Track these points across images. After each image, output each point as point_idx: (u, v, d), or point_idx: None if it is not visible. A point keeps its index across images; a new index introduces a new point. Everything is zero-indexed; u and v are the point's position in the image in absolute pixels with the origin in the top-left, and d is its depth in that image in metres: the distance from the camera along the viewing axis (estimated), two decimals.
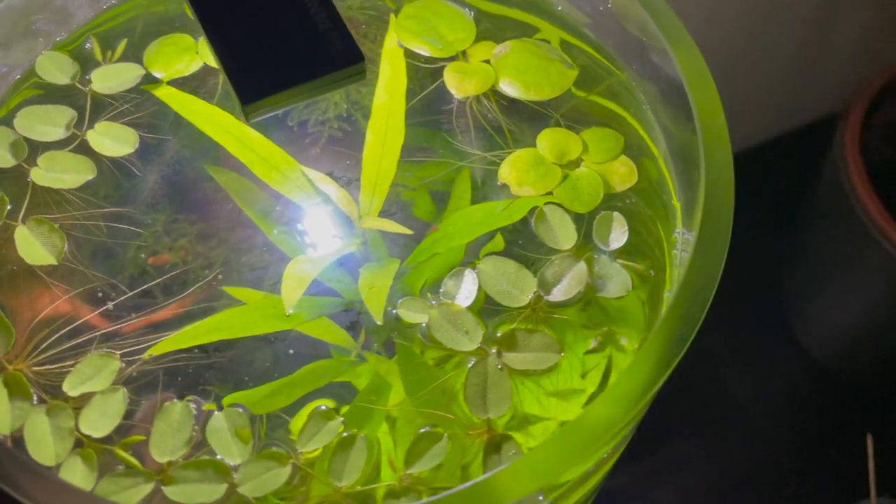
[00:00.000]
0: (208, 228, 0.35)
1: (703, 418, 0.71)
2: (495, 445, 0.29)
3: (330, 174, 0.35)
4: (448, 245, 0.35)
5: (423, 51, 0.38)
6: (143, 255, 0.33)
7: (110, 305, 0.32)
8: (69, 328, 0.32)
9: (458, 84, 0.37)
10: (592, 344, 0.32)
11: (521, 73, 0.37)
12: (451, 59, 0.38)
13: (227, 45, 0.29)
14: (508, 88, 0.37)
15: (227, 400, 0.31)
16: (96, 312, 0.32)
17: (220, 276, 0.33)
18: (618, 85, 0.37)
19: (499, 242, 0.34)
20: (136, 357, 0.31)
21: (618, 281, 0.32)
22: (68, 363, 0.31)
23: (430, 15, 0.38)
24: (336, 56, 0.29)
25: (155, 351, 0.32)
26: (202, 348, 0.32)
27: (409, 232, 0.35)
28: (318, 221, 0.36)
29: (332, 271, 0.34)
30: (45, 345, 0.31)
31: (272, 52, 0.29)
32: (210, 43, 0.29)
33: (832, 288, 0.71)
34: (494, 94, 0.37)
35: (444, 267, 0.34)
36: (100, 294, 0.32)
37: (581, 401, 0.31)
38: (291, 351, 0.32)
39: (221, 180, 0.36)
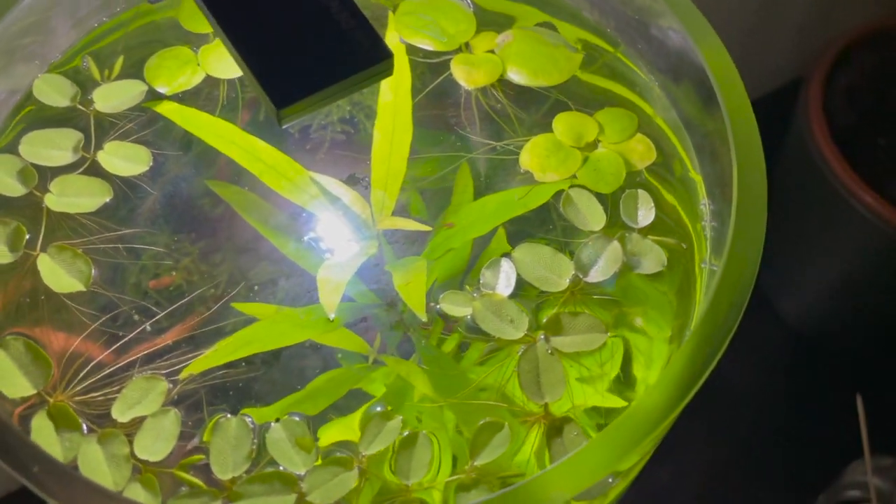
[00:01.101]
0: (229, 244, 0.34)
1: None
2: (556, 429, 0.30)
3: (351, 177, 0.35)
4: (463, 239, 0.35)
5: (427, 45, 0.38)
6: (173, 274, 0.33)
7: (147, 327, 0.31)
8: (105, 353, 0.31)
9: (467, 75, 0.37)
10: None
11: (527, 61, 0.37)
12: (454, 52, 0.38)
13: (253, 51, 0.28)
14: (516, 76, 0.37)
15: (260, 413, 0.30)
16: (131, 335, 0.31)
17: (255, 288, 0.33)
18: (618, 63, 0.38)
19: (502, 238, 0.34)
20: (179, 376, 0.31)
21: (652, 257, 0.33)
22: (112, 389, 0.30)
23: (428, 10, 0.38)
24: (365, 54, 0.28)
25: (194, 369, 0.31)
26: (248, 361, 0.31)
27: (427, 228, 0.35)
28: (333, 227, 0.35)
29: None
30: (83, 373, 0.31)
31: (300, 55, 0.28)
32: (235, 51, 0.28)
33: (805, 253, 0.72)
34: (500, 83, 0.37)
35: (459, 262, 0.34)
36: (136, 316, 0.32)
37: (604, 386, 0.32)
38: (340, 355, 0.31)
39: (223, 195, 0.36)
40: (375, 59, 0.29)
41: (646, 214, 0.33)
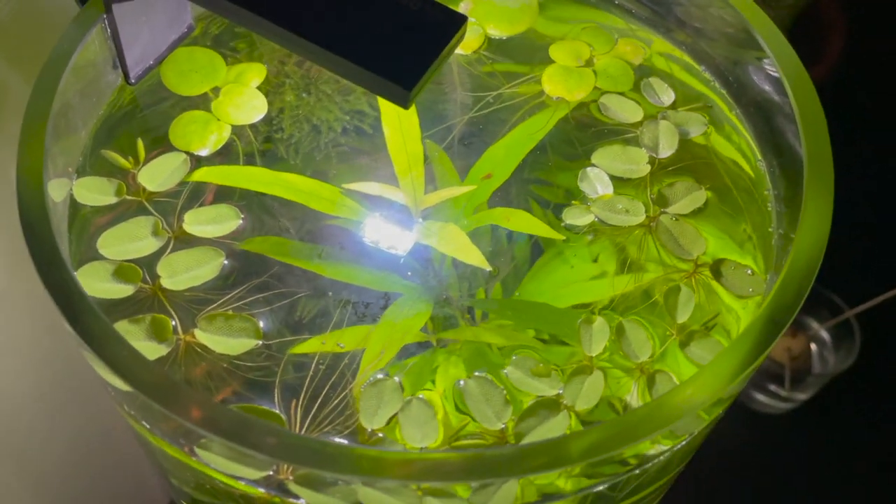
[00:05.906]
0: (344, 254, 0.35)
1: None
2: (716, 272, 0.34)
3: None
4: (489, 191, 0.39)
5: None
6: (334, 303, 0.33)
7: (341, 345, 0.32)
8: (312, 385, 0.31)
9: (462, 43, 0.40)
10: None
11: (499, 17, 0.41)
12: None
13: (353, 52, 0.30)
14: (497, 32, 0.41)
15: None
16: (316, 364, 0.32)
17: (389, 296, 0.34)
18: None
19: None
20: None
21: (693, 121, 0.38)
22: (343, 408, 0.31)
23: None
24: (446, 24, 0.31)
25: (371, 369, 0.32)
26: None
27: (470, 187, 0.38)
28: (383, 225, 0.37)
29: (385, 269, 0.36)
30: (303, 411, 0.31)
31: (391, 43, 0.30)
32: (334, 57, 0.30)
33: None
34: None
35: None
36: (323, 341, 0.32)
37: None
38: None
39: (259, 250, 0.37)
40: (457, 25, 0.32)
41: (667, 94, 0.39)
